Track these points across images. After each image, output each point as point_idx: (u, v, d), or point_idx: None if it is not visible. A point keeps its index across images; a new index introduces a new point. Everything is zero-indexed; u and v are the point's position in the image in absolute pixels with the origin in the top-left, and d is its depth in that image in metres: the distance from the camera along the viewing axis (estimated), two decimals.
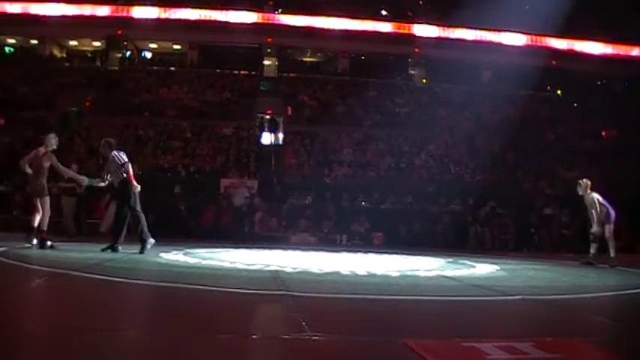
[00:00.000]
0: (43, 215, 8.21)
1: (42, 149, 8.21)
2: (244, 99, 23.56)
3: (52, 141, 8.29)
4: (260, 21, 26.81)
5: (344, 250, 11.29)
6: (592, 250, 9.37)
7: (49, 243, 8.25)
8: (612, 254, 9.24)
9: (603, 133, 23.39)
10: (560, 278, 7.46)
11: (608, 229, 9.29)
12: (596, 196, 9.34)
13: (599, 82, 29.77)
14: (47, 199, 8.32)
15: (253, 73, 27.25)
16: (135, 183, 8.19)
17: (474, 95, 24.67)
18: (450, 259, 9.22)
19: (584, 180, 9.54)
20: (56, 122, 19.93)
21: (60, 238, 9.89)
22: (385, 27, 27.41)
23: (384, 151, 19.57)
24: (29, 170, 8.12)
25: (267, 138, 21.51)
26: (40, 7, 25.51)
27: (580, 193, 9.48)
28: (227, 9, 26.50)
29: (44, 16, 25.41)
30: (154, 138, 19.01)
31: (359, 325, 3.86)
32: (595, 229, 9.29)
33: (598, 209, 9.23)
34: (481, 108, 23.73)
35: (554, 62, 26.72)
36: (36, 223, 8.19)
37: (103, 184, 8.68)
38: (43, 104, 20.90)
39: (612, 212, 9.34)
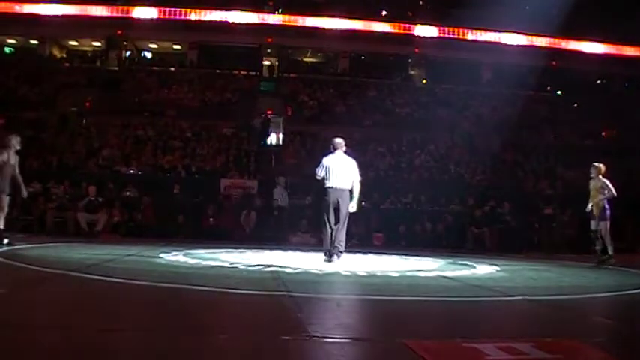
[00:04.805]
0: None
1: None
2: (244, 99, 23.55)
3: (13, 141, 8.43)
4: (260, 21, 26.83)
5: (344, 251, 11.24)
6: (597, 247, 9.03)
7: (5, 240, 8.32)
8: (610, 252, 8.96)
9: (603, 133, 23.40)
10: (560, 278, 7.45)
11: (604, 226, 8.98)
12: (607, 182, 8.96)
13: (598, 82, 29.79)
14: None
15: (253, 73, 27.25)
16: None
17: (474, 95, 24.67)
18: (450, 260, 9.22)
19: (599, 164, 9.14)
20: (56, 122, 19.97)
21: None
22: (385, 27, 27.43)
23: (384, 151, 19.55)
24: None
25: (265, 139, 21.48)
26: (40, 7, 25.52)
27: (592, 175, 9.11)
28: (227, 9, 26.51)
29: (44, 16, 25.43)
30: (154, 138, 19.00)
31: (359, 325, 3.86)
32: (592, 222, 9.00)
33: (612, 190, 8.85)
34: (481, 108, 23.73)
35: (554, 62, 26.73)
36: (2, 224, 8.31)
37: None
38: (43, 104, 20.92)
39: (608, 208, 9.10)
